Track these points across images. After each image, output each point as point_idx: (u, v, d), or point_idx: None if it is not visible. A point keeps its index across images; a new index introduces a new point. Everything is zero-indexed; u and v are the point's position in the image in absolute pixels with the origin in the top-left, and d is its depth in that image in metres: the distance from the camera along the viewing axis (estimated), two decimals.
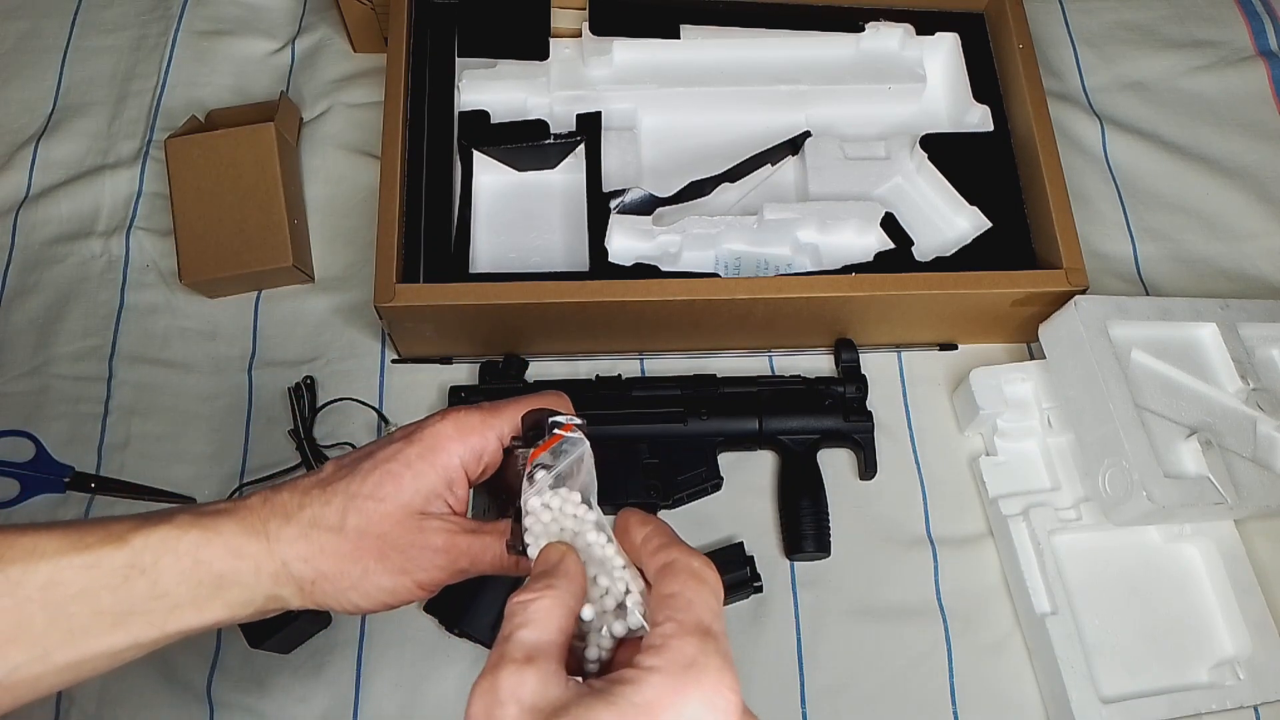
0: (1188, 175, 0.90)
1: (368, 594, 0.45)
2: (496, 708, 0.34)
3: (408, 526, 0.45)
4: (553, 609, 0.37)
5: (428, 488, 0.45)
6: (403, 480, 0.45)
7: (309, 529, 0.44)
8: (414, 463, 0.46)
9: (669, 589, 0.37)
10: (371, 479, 0.45)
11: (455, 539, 0.45)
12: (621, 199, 0.76)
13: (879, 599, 0.73)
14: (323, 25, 0.94)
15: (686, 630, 0.35)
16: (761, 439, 0.75)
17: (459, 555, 0.45)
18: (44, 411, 0.77)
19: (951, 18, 0.84)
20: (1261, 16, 0.98)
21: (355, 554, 0.44)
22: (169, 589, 0.42)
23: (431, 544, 0.45)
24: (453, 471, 0.46)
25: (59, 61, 0.92)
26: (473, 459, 0.47)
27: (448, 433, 0.46)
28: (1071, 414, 0.71)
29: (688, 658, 0.34)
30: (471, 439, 0.47)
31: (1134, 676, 0.69)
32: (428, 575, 0.45)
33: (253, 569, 0.43)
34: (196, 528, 0.43)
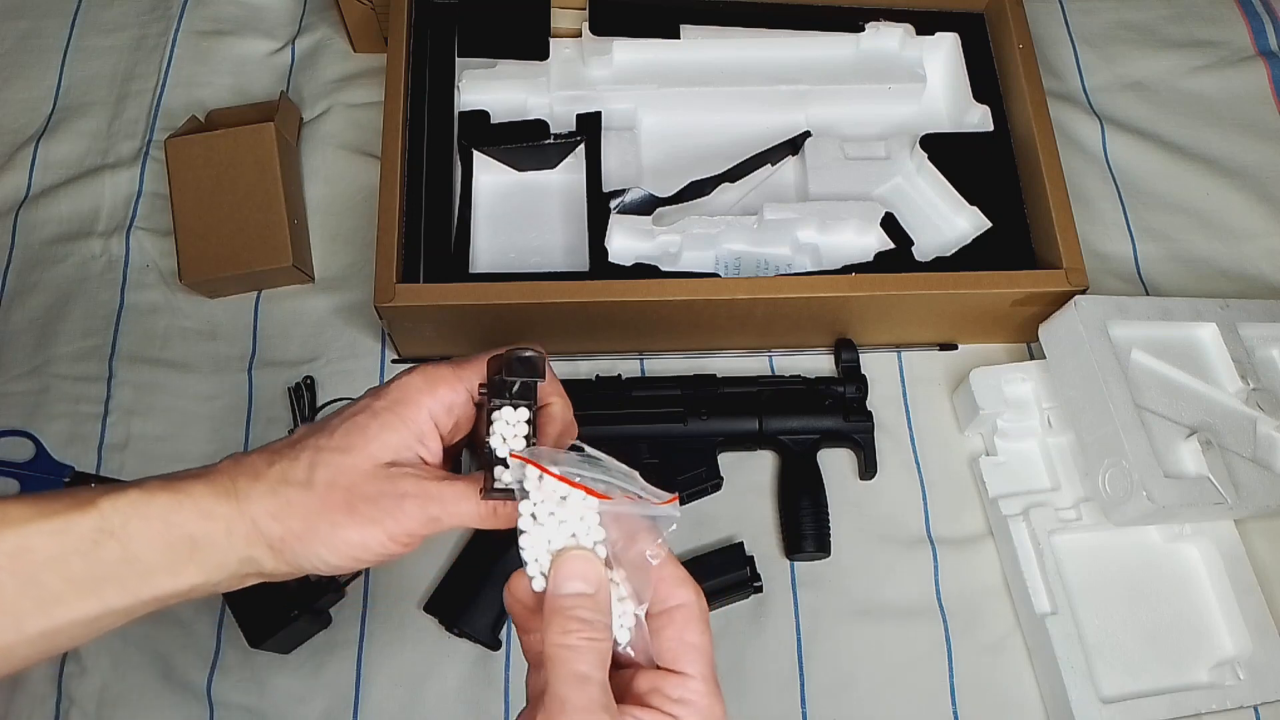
0: (1188, 175, 0.90)
1: (337, 549, 0.43)
2: None
3: (375, 477, 0.43)
4: (607, 653, 0.40)
5: (396, 440, 0.44)
6: (369, 431, 0.44)
7: (277, 485, 0.43)
8: (380, 414, 0.45)
9: (695, 639, 0.41)
10: (339, 432, 0.44)
11: (425, 485, 0.44)
12: (621, 199, 0.76)
13: (879, 599, 0.73)
14: (323, 25, 0.94)
15: (710, 685, 0.40)
16: (761, 439, 0.75)
17: (429, 502, 0.43)
18: (44, 411, 0.77)
19: (951, 18, 0.84)
20: (1261, 16, 0.98)
21: (323, 508, 0.43)
22: (140, 553, 0.41)
23: (399, 490, 0.43)
24: (422, 424, 0.45)
25: (59, 61, 0.92)
26: (442, 411, 0.46)
27: (416, 384, 0.46)
28: (1071, 414, 0.71)
29: (716, 713, 0.40)
30: (440, 390, 0.46)
31: (1134, 676, 0.69)
32: (398, 525, 0.43)
33: (224, 530, 0.42)
34: (165, 491, 0.42)
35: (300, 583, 0.70)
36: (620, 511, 0.42)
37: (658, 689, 0.40)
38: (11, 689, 0.69)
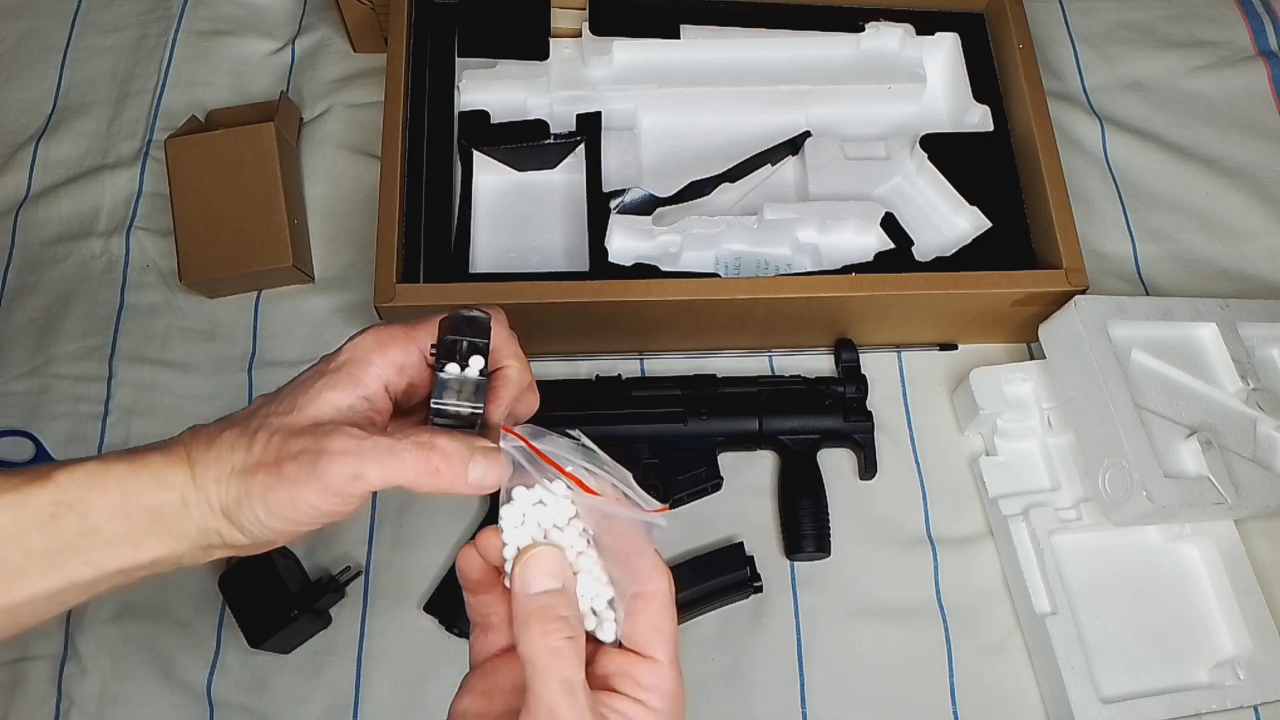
0: (1188, 175, 0.90)
1: (272, 512, 0.42)
2: None
3: (304, 434, 0.42)
4: (583, 649, 0.40)
5: (340, 399, 0.43)
6: (312, 391, 0.43)
7: (225, 452, 0.42)
8: (328, 373, 0.44)
9: (664, 626, 0.42)
10: (286, 395, 0.44)
11: (350, 441, 0.41)
12: (621, 199, 0.76)
13: (879, 599, 0.73)
14: (323, 25, 0.94)
15: (676, 670, 0.42)
16: (761, 439, 0.75)
17: (351, 458, 0.41)
18: (44, 411, 0.77)
19: (951, 18, 0.84)
20: (1261, 16, 0.98)
21: (255, 469, 0.42)
22: (100, 525, 0.41)
23: (322, 446, 0.41)
24: (371, 384, 0.44)
25: (59, 61, 0.92)
26: (394, 371, 0.45)
27: (366, 344, 0.45)
28: (1071, 414, 0.71)
29: (679, 699, 0.41)
30: (391, 350, 0.45)
31: (1134, 676, 0.69)
32: (322, 483, 0.41)
33: (179, 500, 0.41)
34: (122, 462, 0.41)
35: (300, 583, 0.70)
36: (607, 510, 0.42)
37: (628, 674, 0.41)
38: (11, 689, 0.69)
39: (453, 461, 0.42)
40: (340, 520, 0.44)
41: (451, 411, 0.44)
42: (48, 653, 0.70)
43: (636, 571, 0.42)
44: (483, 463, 0.43)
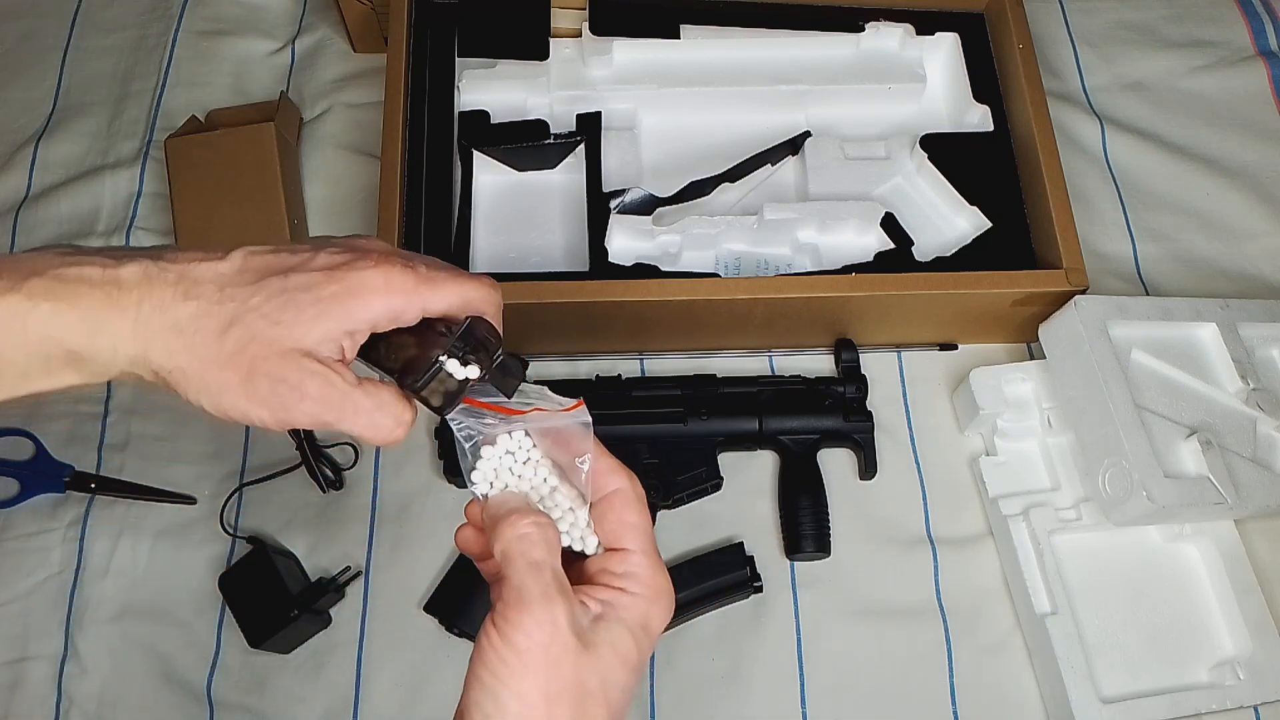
0: (1188, 175, 0.90)
1: (216, 405, 0.42)
2: (558, 636, 0.40)
3: (286, 362, 0.41)
4: (555, 540, 0.43)
5: (325, 330, 0.42)
6: (305, 313, 0.42)
7: (187, 325, 0.41)
8: (324, 300, 0.42)
9: (631, 519, 0.44)
10: (275, 301, 0.42)
11: (331, 391, 0.42)
12: (621, 199, 0.76)
13: (879, 599, 0.73)
14: (323, 25, 0.94)
15: (652, 559, 0.44)
16: (761, 439, 0.75)
17: (328, 407, 0.42)
18: (44, 411, 0.77)
19: (951, 18, 0.84)
20: (1261, 16, 0.98)
21: (221, 365, 0.41)
22: (13, 360, 0.40)
23: (304, 389, 0.41)
24: (360, 324, 0.43)
25: (59, 61, 0.92)
26: (386, 319, 0.43)
27: (375, 285, 0.43)
28: (1071, 414, 0.71)
29: (659, 585, 0.44)
30: (395, 299, 0.43)
31: (1134, 676, 0.69)
32: (288, 415, 0.42)
33: (109, 348, 0.41)
34: (50, 299, 0.40)
35: (300, 583, 0.70)
36: (544, 426, 0.45)
37: (604, 568, 0.44)
38: (11, 689, 0.69)
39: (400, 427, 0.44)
40: None
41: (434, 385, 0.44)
42: (48, 653, 0.70)
43: (596, 480, 0.45)
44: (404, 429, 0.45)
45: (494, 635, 0.40)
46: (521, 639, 0.40)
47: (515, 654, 0.40)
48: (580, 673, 0.40)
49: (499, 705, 0.40)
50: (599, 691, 0.41)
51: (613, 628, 0.42)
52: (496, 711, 0.40)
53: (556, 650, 0.40)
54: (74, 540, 0.73)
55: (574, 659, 0.40)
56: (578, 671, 0.40)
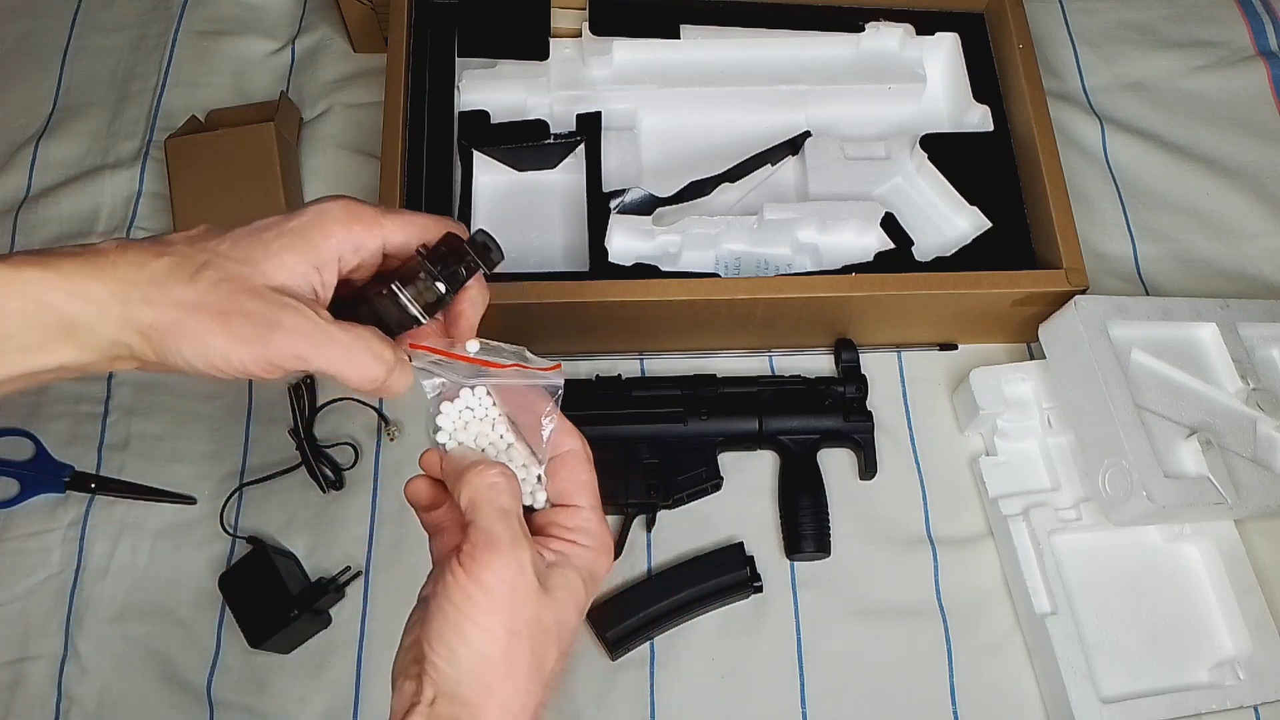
0: (1188, 175, 0.90)
1: (200, 353, 0.42)
2: (523, 577, 0.43)
3: (260, 296, 0.43)
4: (518, 491, 0.45)
5: (294, 263, 0.44)
6: (271, 247, 0.44)
7: (162, 276, 0.42)
8: (287, 233, 0.44)
9: (583, 477, 0.48)
10: (242, 243, 0.44)
11: (305, 322, 0.43)
12: (621, 199, 0.76)
13: (879, 599, 0.73)
14: (323, 25, 0.94)
15: (599, 514, 0.48)
16: (761, 439, 0.75)
17: (304, 338, 0.43)
18: (44, 411, 0.77)
19: (951, 18, 0.84)
20: (1261, 16, 0.98)
21: (198, 308, 0.42)
22: (13, 331, 0.41)
23: (277, 318, 0.42)
24: (326, 255, 0.44)
25: (59, 61, 0.92)
26: (350, 249, 0.45)
27: (334, 214, 0.45)
28: (1071, 414, 0.71)
29: (605, 539, 0.47)
30: (356, 228, 0.45)
31: (1134, 676, 0.69)
32: (264, 350, 0.42)
33: (96, 313, 0.42)
34: (36, 267, 0.41)
35: (300, 583, 0.70)
36: (514, 384, 0.47)
37: (554, 522, 0.47)
38: (11, 689, 0.69)
39: (387, 370, 0.45)
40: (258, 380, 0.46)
41: (403, 302, 0.45)
42: (48, 653, 0.70)
43: (552, 440, 0.47)
44: (399, 374, 0.46)
45: (460, 574, 0.42)
46: (490, 577, 0.42)
47: (483, 591, 0.42)
48: (539, 612, 0.43)
49: (463, 637, 0.42)
50: (554, 630, 0.44)
51: (567, 573, 0.45)
52: (461, 644, 0.42)
53: (521, 590, 0.43)
54: (74, 540, 0.73)
55: (535, 599, 0.43)
56: (538, 610, 0.43)
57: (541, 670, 0.44)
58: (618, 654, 0.70)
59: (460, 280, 0.46)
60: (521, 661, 0.43)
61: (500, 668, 0.42)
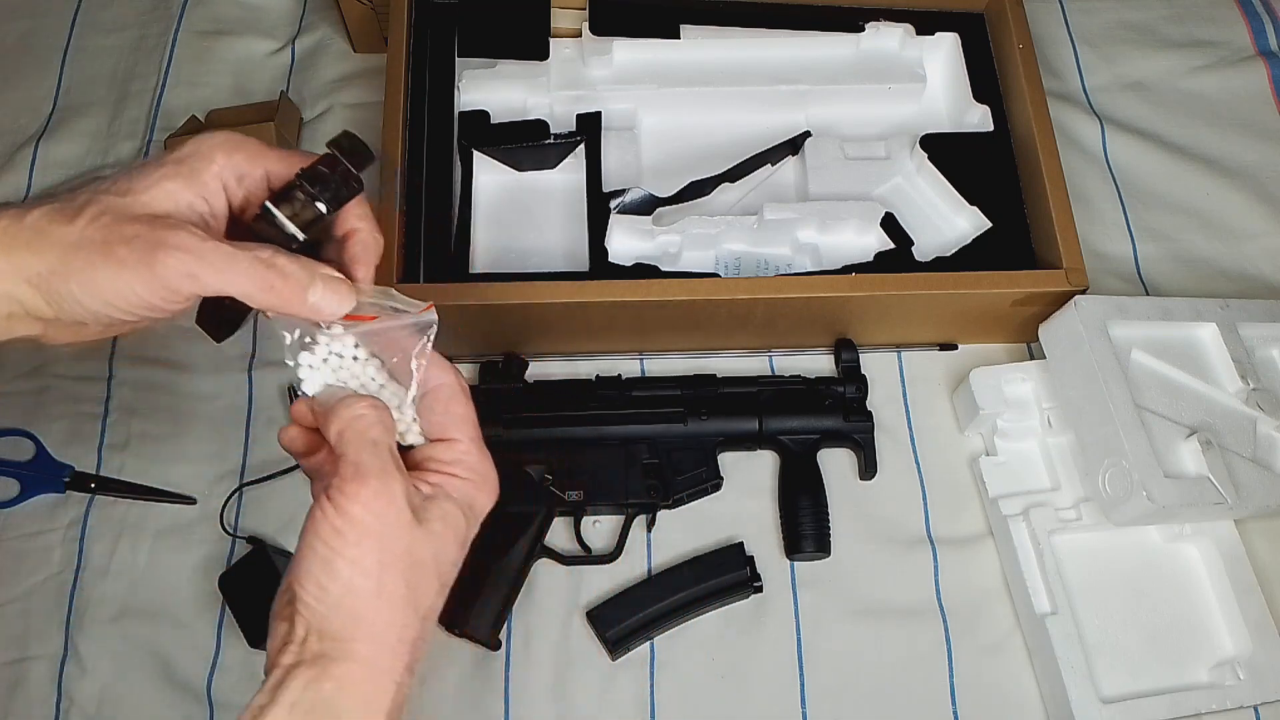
0: (1188, 175, 0.90)
1: (92, 292, 0.41)
2: (393, 508, 0.42)
3: (144, 222, 0.42)
4: (390, 423, 0.45)
5: (177, 191, 0.43)
6: (151, 177, 0.43)
7: (44, 223, 0.41)
8: (169, 163, 0.43)
9: (459, 410, 0.47)
10: (121, 179, 0.43)
11: (189, 239, 0.41)
12: (621, 199, 0.76)
13: (879, 599, 0.73)
14: (323, 25, 0.94)
15: (478, 446, 0.47)
16: (761, 439, 0.75)
17: (189, 256, 0.41)
18: (44, 411, 0.77)
19: (951, 18, 0.84)
20: (1261, 16, 0.98)
21: (80, 244, 0.41)
22: None
23: (159, 237, 0.41)
24: (209, 182, 0.44)
25: (59, 61, 0.92)
26: (233, 177, 0.45)
27: (215, 141, 0.44)
28: (1071, 414, 0.71)
29: (485, 470, 0.47)
30: (238, 156, 0.45)
31: (1134, 676, 0.69)
32: (151, 273, 0.41)
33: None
34: None
35: None
36: (383, 328, 0.46)
37: (431, 456, 0.47)
38: (11, 689, 0.69)
39: (290, 281, 0.43)
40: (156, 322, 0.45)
41: (279, 222, 0.44)
42: (48, 653, 0.70)
43: (425, 376, 0.47)
44: (322, 288, 0.44)
45: (329, 508, 0.42)
46: (358, 510, 0.41)
47: (351, 524, 0.41)
48: (413, 544, 0.43)
49: (332, 573, 0.41)
50: (430, 563, 0.44)
51: (444, 505, 0.45)
52: (330, 579, 0.41)
53: (391, 521, 0.42)
54: (74, 540, 0.73)
55: (408, 532, 0.42)
56: (411, 543, 0.43)
57: (417, 604, 0.43)
58: (618, 654, 0.70)
59: (333, 189, 0.45)
60: (394, 594, 0.42)
61: (371, 601, 0.42)
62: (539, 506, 0.72)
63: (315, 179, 0.45)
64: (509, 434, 0.73)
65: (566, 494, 0.72)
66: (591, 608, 0.71)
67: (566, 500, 0.72)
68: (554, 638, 0.71)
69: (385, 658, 0.42)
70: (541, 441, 0.73)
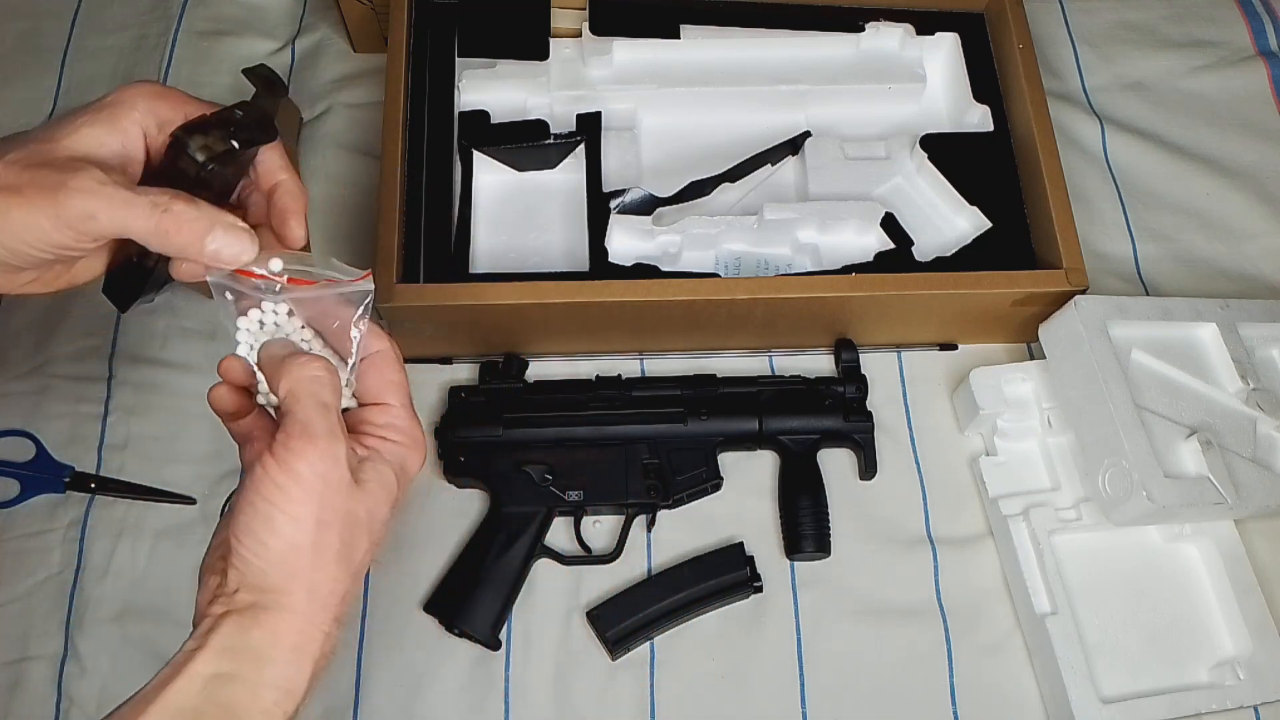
0: (1188, 175, 0.90)
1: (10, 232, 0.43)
2: (336, 469, 0.44)
3: (54, 165, 0.44)
4: (339, 386, 0.47)
5: (97, 137, 0.45)
6: (74, 123, 0.45)
7: None
8: (90, 110, 0.46)
9: (392, 376, 0.50)
10: (50, 125, 0.45)
11: (100, 186, 0.44)
12: (621, 199, 0.76)
13: (879, 599, 0.73)
14: (323, 25, 0.94)
15: (409, 412, 0.50)
16: (761, 439, 0.75)
17: (99, 201, 0.43)
18: (44, 411, 0.77)
19: (951, 18, 0.84)
20: (1261, 16, 0.98)
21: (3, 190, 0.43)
22: None
23: (63, 179, 0.43)
24: (129, 126, 0.46)
25: (59, 61, 0.92)
26: (154, 124, 0.47)
27: (137, 90, 0.47)
28: (1071, 414, 0.71)
29: (416, 434, 0.50)
30: (159, 104, 0.47)
31: (1134, 676, 0.69)
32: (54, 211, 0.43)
33: None
34: None
35: None
36: (321, 294, 0.48)
37: (365, 420, 0.49)
38: (11, 689, 0.69)
39: (185, 227, 0.45)
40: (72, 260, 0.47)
41: (190, 150, 0.46)
42: (48, 653, 0.70)
43: (361, 343, 0.49)
44: (221, 234, 0.46)
45: (272, 464, 0.43)
46: (304, 468, 0.43)
47: (295, 481, 0.43)
48: (351, 503, 0.45)
49: (273, 528, 0.43)
50: (365, 521, 0.46)
51: (379, 467, 0.48)
52: (270, 534, 0.43)
53: (334, 481, 0.44)
54: (74, 540, 0.73)
55: (347, 491, 0.45)
56: (349, 502, 0.45)
57: (350, 560, 0.45)
58: (618, 654, 0.70)
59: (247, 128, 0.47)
60: (330, 550, 0.44)
61: (307, 556, 0.44)
62: (539, 506, 0.72)
63: (228, 117, 0.47)
64: (509, 434, 0.73)
65: (566, 494, 0.72)
66: (591, 608, 0.71)
67: (566, 500, 0.72)
68: (554, 638, 0.71)
69: (316, 610, 0.44)
70: (541, 441, 0.73)
